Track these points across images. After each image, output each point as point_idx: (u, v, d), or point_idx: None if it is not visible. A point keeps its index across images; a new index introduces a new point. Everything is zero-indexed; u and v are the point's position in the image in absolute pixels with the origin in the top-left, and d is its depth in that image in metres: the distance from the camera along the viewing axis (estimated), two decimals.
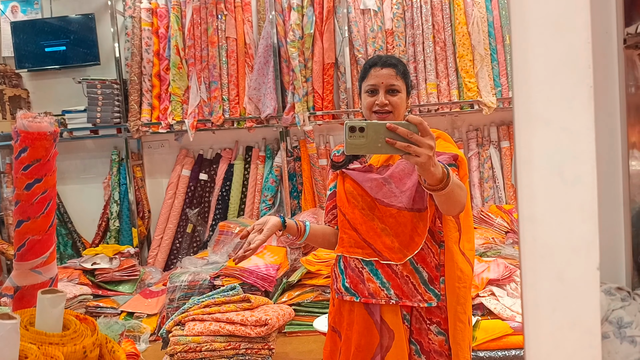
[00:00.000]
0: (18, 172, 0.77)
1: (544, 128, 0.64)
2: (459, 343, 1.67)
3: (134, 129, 4.60)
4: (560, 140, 0.64)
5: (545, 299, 0.65)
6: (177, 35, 4.56)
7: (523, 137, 0.64)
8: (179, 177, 4.79)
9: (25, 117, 0.77)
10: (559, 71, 0.63)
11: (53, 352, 0.69)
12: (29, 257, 0.81)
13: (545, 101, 0.63)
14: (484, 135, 4.63)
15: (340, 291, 1.76)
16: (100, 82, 4.56)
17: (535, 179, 0.64)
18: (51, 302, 0.73)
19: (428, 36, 4.46)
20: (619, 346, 0.81)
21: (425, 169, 1.29)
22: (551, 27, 0.61)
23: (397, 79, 1.70)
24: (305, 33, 4.48)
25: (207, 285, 3.81)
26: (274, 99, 4.52)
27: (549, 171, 0.63)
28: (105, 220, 4.81)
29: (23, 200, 0.79)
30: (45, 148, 0.77)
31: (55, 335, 0.72)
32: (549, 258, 0.64)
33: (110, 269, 4.15)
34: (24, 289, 0.83)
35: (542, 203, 0.64)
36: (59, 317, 0.74)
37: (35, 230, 0.80)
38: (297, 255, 4.17)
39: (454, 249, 1.67)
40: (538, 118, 0.64)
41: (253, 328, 2.95)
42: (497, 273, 3.52)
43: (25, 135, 0.76)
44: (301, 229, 1.74)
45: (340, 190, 1.78)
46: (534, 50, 0.63)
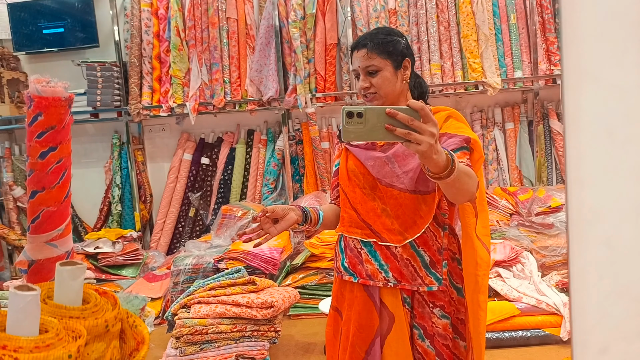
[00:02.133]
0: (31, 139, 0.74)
1: (592, 85, 0.60)
2: (481, 332, 1.62)
3: (134, 112, 4.55)
4: (610, 98, 0.60)
5: (593, 266, 0.61)
6: (177, 16, 4.49)
7: (571, 95, 0.60)
8: (180, 161, 4.75)
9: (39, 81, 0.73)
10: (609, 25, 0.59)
11: (75, 326, 0.66)
12: (44, 229, 0.78)
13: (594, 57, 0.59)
14: (488, 117, 4.59)
15: (339, 270, 1.72)
16: (100, 65, 4.50)
17: (583, 140, 0.60)
18: (71, 274, 0.70)
19: (432, 16, 4.40)
20: None
21: (427, 157, 1.22)
22: None
23: (371, 58, 1.60)
24: (307, 13, 4.42)
25: (211, 269, 3.79)
26: (275, 80, 4.46)
27: (598, 130, 0.60)
28: (107, 204, 4.77)
29: (37, 170, 0.75)
30: (59, 114, 0.73)
31: (76, 309, 0.69)
32: (597, 223, 0.61)
33: (113, 253, 4.13)
34: (39, 263, 0.79)
35: (591, 164, 0.60)
36: (78, 290, 0.71)
37: (50, 201, 0.76)
38: (300, 238, 4.15)
39: (472, 236, 1.60)
40: (587, 75, 0.60)
41: (259, 310, 2.93)
42: (503, 254, 3.51)
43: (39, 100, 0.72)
44: (314, 220, 1.70)
45: (342, 167, 1.73)
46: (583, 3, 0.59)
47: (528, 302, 3.18)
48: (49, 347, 0.61)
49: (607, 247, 0.60)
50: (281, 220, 1.60)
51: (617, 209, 0.59)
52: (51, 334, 0.62)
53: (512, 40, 4.41)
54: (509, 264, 3.51)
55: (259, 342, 2.93)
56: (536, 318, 3.14)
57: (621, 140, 0.59)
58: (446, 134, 1.57)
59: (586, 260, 0.60)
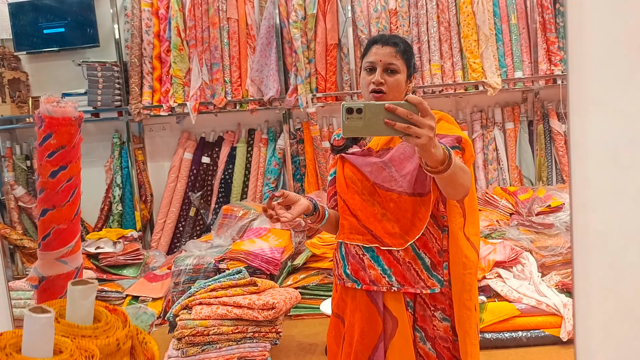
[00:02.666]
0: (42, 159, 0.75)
1: (598, 110, 0.61)
2: (467, 331, 1.64)
3: (135, 112, 4.55)
4: (615, 123, 0.61)
5: (597, 287, 0.63)
6: (178, 16, 4.49)
7: (577, 119, 0.61)
8: (181, 161, 4.76)
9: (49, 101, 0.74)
10: (615, 51, 0.60)
11: (87, 346, 0.67)
12: (54, 246, 0.79)
13: (600, 82, 0.60)
14: (488, 117, 4.60)
15: (341, 277, 1.73)
16: (100, 65, 4.50)
17: (588, 163, 0.61)
18: (82, 294, 0.71)
19: (432, 16, 4.40)
20: None
21: (425, 151, 1.24)
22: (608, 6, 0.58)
23: (396, 58, 1.63)
24: (307, 13, 4.42)
25: (212, 269, 3.80)
26: (276, 80, 4.47)
27: (603, 155, 0.61)
28: (108, 204, 4.78)
29: (48, 189, 0.76)
30: (70, 134, 0.74)
31: (88, 328, 0.70)
32: (601, 245, 0.62)
33: (114, 253, 4.14)
34: (50, 279, 0.80)
35: (595, 188, 0.61)
36: (90, 309, 0.72)
37: (60, 219, 0.77)
38: (301, 238, 4.16)
39: (459, 235, 1.63)
40: (592, 100, 0.61)
41: (260, 312, 2.94)
42: (503, 255, 3.52)
43: (50, 120, 0.73)
44: (321, 214, 1.71)
45: (339, 176, 1.74)
46: (589, 30, 0.60)
47: (528, 303, 3.20)
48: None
49: (611, 270, 0.61)
50: (294, 206, 1.61)
51: (621, 232, 0.61)
52: (65, 354, 0.63)
53: (513, 41, 4.41)
54: (509, 264, 3.52)
55: (261, 344, 2.95)
56: (536, 319, 3.16)
57: (626, 164, 0.60)
58: (438, 134, 1.59)
59: (590, 282, 0.62)
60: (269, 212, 1.57)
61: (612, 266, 0.60)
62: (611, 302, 0.61)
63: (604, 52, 0.60)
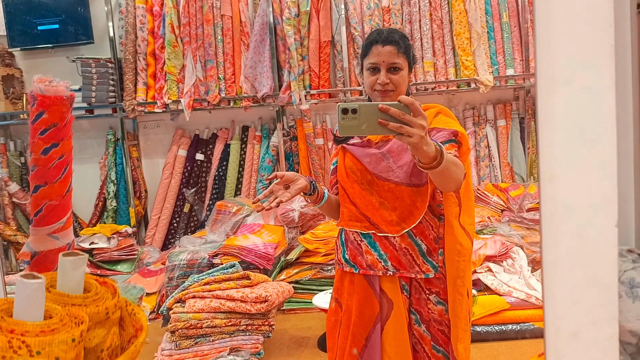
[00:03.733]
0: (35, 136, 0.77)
1: (565, 87, 0.64)
2: (458, 315, 1.69)
3: (129, 108, 4.57)
4: (581, 99, 0.64)
5: (564, 256, 0.66)
6: (172, 13, 4.51)
7: (544, 96, 0.64)
8: (175, 157, 4.78)
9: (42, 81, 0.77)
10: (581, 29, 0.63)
11: (77, 313, 0.69)
12: (46, 222, 0.81)
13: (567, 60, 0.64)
14: (480, 114, 4.64)
15: (340, 262, 1.80)
16: (95, 61, 4.52)
17: (555, 138, 0.64)
18: (73, 264, 0.73)
19: (425, 14, 4.44)
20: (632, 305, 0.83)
21: (417, 149, 1.30)
22: None
23: (398, 56, 1.68)
24: (301, 11, 4.45)
25: (206, 264, 3.83)
26: (270, 77, 4.50)
27: (569, 130, 0.64)
28: (102, 200, 4.80)
29: (40, 165, 0.79)
30: (61, 112, 0.77)
31: (78, 297, 0.72)
32: (568, 216, 0.65)
33: (109, 249, 4.16)
34: (42, 254, 0.83)
35: (562, 161, 0.64)
36: (80, 280, 0.74)
37: (52, 195, 0.80)
38: (294, 233, 4.19)
39: (454, 223, 1.68)
40: (559, 77, 0.64)
41: (253, 304, 2.97)
42: (494, 250, 3.56)
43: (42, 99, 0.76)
44: (320, 195, 1.74)
45: (340, 165, 1.80)
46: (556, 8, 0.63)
47: (518, 296, 3.24)
48: (54, 332, 0.64)
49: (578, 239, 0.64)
50: (292, 185, 1.64)
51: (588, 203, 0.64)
52: (55, 319, 0.66)
53: (504, 38, 4.45)
54: (500, 259, 3.56)
55: (253, 336, 2.98)
56: (526, 312, 3.20)
57: (591, 138, 0.63)
58: (435, 128, 1.64)
59: (558, 251, 0.64)
60: (260, 204, 1.60)
61: (579, 236, 0.64)
62: (579, 271, 0.64)
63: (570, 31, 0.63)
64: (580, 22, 0.62)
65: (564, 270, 0.65)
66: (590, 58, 0.63)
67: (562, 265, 0.65)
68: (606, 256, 0.65)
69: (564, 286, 0.65)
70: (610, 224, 0.64)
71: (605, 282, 0.65)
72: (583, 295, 0.65)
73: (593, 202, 0.64)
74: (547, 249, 0.65)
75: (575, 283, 0.65)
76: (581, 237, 0.64)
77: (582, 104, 0.63)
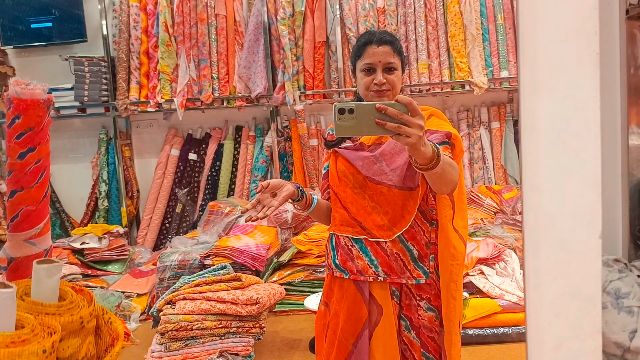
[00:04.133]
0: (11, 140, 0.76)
1: (548, 95, 0.63)
2: (452, 319, 1.67)
3: (122, 107, 4.54)
4: (565, 108, 0.63)
5: (547, 267, 0.65)
6: (166, 11, 4.49)
7: (528, 104, 0.63)
8: (167, 157, 4.76)
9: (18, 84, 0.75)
10: (565, 37, 0.62)
11: (50, 322, 0.68)
12: (23, 227, 0.80)
13: (551, 68, 0.62)
14: (474, 116, 4.64)
15: (331, 267, 1.78)
16: (88, 60, 4.49)
17: (539, 147, 0.63)
18: (47, 272, 0.72)
19: (420, 15, 4.43)
20: (617, 316, 0.82)
21: (415, 149, 1.28)
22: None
23: (393, 56, 1.68)
24: (296, 11, 4.43)
25: (197, 265, 3.80)
26: (264, 77, 4.48)
27: (553, 139, 0.63)
28: (94, 199, 4.77)
29: (16, 170, 0.77)
30: (38, 116, 0.75)
31: (52, 306, 0.71)
32: (551, 226, 0.64)
33: (100, 249, 4.13)
34: (18, 260, 0.81)
35: (546, 171, 0.63)
36: (55, 288, 0.73)
37: (29, 201, 0.78)
38: (287, 235, 4.18)
39: (448, 227, 1.67)
40: (543, 85, 0.63)
41: (244, 307, 2.95)
42: (486, 252, 3.55)
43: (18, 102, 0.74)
44: (309, 201, 1.73)
45: (332, 169, 1.78)
46: (540, 15, 0.62)
47: (510, 299, 3.23)
48: (25, 343, 0.63)
49: (561, 250, 0.63)
50: (279, 192, 1.63)
51: (571, 213, 0.63)
52: (27, 329, 0.64)
53: (499, 40, 4.45)
54: (492, 261, 3.55)
55: (244, 339, 2.96)
56: (517, 315, 3.19)
57: (575, 147, 0.62)
58: (428, 130, 1.63)
59: (541, 262, 0.63)
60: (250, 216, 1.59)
61: (561, 246, 0.62)
62: (561, 282, 0.63)
63: (554, 39, 0.62)
64: (565, 29, 0.61)
65: (546, 281, 0.64)
66: (575, 66, 0.62)
67: (544, 276, 0.64)
68: (589, 268, 0.64)
69: (546, 297, 0.64)
70: (594, 235, 0.63)
71: (589, 294, 0.64)
72: (566, 307, 0.64)
73: (576, 212, 0.63)
74: (530, 259, 0.64)
75: (558, 294, 0.64)
76: (564, 247, 0.63)
77: (565, 112, 0.62)
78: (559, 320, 0.64)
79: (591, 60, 0.62)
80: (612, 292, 0.85)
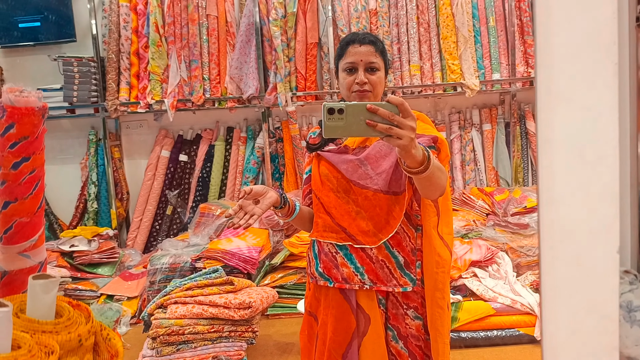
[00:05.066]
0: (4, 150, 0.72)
1: (565, 107, 0.61)
2: (438, 329, 1.65)
3: (111, 108, 4.49)
4: (582, 120, 0.61)
5: (563, 282, 0.63)
6: (157, 11, 4.44)
7: (544, 115, 0.61)
8: (158, 158, 4.71)
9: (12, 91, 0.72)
10: (583, 47, 0.60)
11: (47, 341, 0.65)
12: (16, 240, 0.76)
13: (568, 79, 0.61)
14: (466, 118, 4.64)
15: (314, 276, 1.73)
16: (77, 60, 4.43)
17: (555, 159, 0.61)
18: (43, 288, 0.69)
19: (412, 17, 4.42)
20: (629, 330, 0.80)
21: (406, 151, 1.25)
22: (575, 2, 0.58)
23: (376, 56, 1.65)
24: (288, 12, 4.41)
25: (189, 268, 3.76)
26: (256, 78, 4.45)
27: (570, 151, 0.61)
28: (83, 201, 4.71)
29: (10, 180, 0.74)
30: (33, 124, 0.72)
31: (49, 323, 0.68)
32: (568, 241, 0.62)
33: (89, 251, 4.08)
34: (12, 274, 0.78)
35: (562, 184, 0.62)
36: (51, 304, 0.70)
37: (23, 212, 0.75)
38: (279, 237, 4.15)
39: (433, 234, 1.64)
40: (560, 96, 0.61)
41: (237, 311, 2.92)
42: (479, 255, 3.55)
43: (12, 110, 0.71)
44: (292, 208, 1.70)
45: (315, 173, 1.74)
46: (557, 26, 0.60)
47: (503, 302, 3.23)
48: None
49: (578, 265, 0.62)
50: (262, 199, 1.60)
51: (588, 228, 0.61)
52: (23, 350, 0.61)
53: (491, 43, 4.45)
54: (485, 264, 3.55)
55: (237, 343, 2.93)
56: (511, 318, 3.19)
57: (592, 161, 0.61)
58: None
59: (557, 278, 0.62)
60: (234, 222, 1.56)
61: (578, 262, 0.61)
62: (577, 299, 0.61)
63: (571, 49, 0.60)
64: (583, 39, 0.60)
65: (563, 297, 0.62)
66: (593, 76, 0.60)
67: (560, 292, 0.62)
68: (607, 283, 0.62)
69: (562, 314, 0.62)
70: (612, 250, 0.62)
71: (606, 311, 0.63)
72: (582, 323, 0.62)
73: (593, 227, 0.61)
74: (546, 274, 0.62)
75: (575, 311, 0.62)
76: (581, 263, 0.61)
77: (583, 124, 0.60)
78: (575, 338, 0.62)
79: (609, 70, 0.60)
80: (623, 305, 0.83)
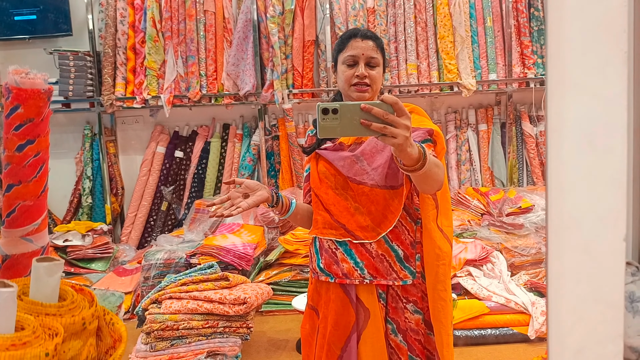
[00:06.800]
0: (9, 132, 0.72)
1: (575, 95, 0.61)
2: (441, 321, 1.65)
3: (107, 103, 4.47)
4: (592, 108, 0.61)
5: (570, 270, 0.63)
6: (154, 6, 4.43)
7: (554, 103, 0.61)
8: (153, 154, 4.69)
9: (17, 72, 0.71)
10: (593, 35, 0.60)
11: (52, 324, 0.64)
12: (19, 223, 0.76)
13: (578, 67, 0.61)
14: (462, 118, 4.65)
15: (315, 271, 1.74)
16: (73, 54, 4.41)
17: (564, 148, 0.61)
18: (47, 271, 0.68)
19: (409, 16, 4.43)
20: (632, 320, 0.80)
21: (401, 150, 1.24)
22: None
23: (376, 52, 1.67)
24: (285, 9, 4.40)
25: (183, 264, 3.75)
26: (252, 75, 4.44)
27: (579, 139, 0.61)
28: (77, 196, 4.69)
29: (14, 163, 0.73)
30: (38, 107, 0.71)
31: (53, 306, 0.67)
32: (576, 229, 0.62)
33: (83, 246, 4.06)
34: (14, 258, 0.77)
35: (571, 172, 0.62)
36: (55, 287, 0.69)
37: (26, 195, 0.75)
38: (274, 234, 4.14)
39: (432, 227, 1.64)
40: (570, 84, 0.61)
41: (231, 306, 2.91)
42: (474, 254, 3.56)
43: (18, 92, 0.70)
44: (286, 205, 1.70)
45: (313, 171, 1.74)
46: (568, 13, 0.60)
47: (497, 301, 3.24)
48: (26, 345, 0.59)
49: (585, 253, 0.62)
50: (252, 195, 1.59)
51: (596, 216, 0.61)
52: (28, 331, 0.61)
53: (488, 43, 4.46)
54: (480, 263, 3.56)
55: (231, 339, 2.92)
56: (505, 317, 3.20)
57: (601, 149, 0.61)
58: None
59: (564, 265, 0.62)
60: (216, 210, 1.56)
61: (585, 250, 0.61)
62: (584, 286, 0.61)
63: (583, 36, 0.60)
64: (593, 27, 0.60)
65: (569, 284, 0.62)
66: (602, 64, 0.60)
67: (567, 279, 0.62)
68: (613, 271, 0.62)
69: (568, 301, 0.62)
70: (619, 238, 0.62)
71: (611, 299, 0.63)
72: (588, 311, 0.62)
73: (601, 215, 0.61)
74: (553, 261, 0.62)
75: (581, 298, 0.62)
76: (587, 250, 0.62)
77: (592, 112, 0.60)
78: (581, 325, 0.62)
79: (619, 59, 0.60)
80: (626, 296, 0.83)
